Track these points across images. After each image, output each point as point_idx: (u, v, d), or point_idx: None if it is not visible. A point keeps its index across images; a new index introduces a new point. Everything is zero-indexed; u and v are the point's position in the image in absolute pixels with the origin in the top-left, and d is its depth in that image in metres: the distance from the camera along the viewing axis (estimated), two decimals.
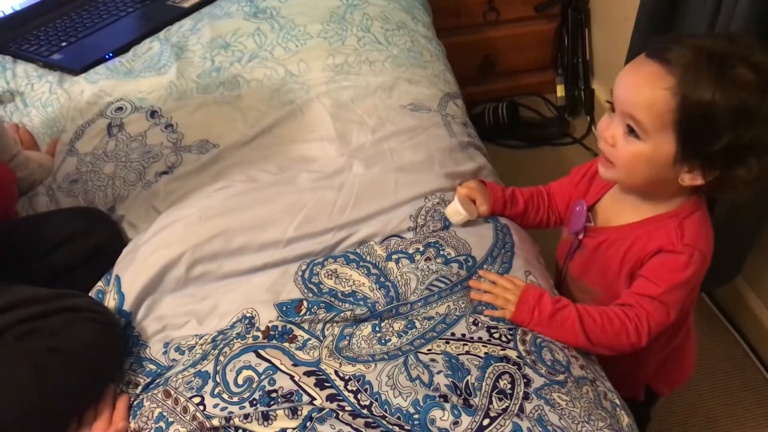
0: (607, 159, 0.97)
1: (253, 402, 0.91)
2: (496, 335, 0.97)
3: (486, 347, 0.95)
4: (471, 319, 0.99)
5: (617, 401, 0.97)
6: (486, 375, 0.91)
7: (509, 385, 0.90)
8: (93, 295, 1.09)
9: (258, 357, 0.96)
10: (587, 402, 0.91)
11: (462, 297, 1.02)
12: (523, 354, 0.94)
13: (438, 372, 0.92)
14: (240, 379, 0.94)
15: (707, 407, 1.56)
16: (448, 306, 1.01)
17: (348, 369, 0.94)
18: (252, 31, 1.60)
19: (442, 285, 1.03)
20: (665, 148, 0.90)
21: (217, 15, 1.68)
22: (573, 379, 0.93)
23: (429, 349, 0.95)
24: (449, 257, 1.08)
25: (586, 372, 0.97)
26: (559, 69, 2.37)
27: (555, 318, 0.98)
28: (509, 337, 0.97)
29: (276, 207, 1.16)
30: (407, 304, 1.02)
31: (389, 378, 0.92)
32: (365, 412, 0.89)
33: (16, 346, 0.91)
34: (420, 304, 1.01)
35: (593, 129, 2.29)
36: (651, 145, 0.91)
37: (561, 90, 2.35)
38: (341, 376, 0.93)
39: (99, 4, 1.80)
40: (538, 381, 0.91)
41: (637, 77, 0.90)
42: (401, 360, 0.94)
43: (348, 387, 0.92)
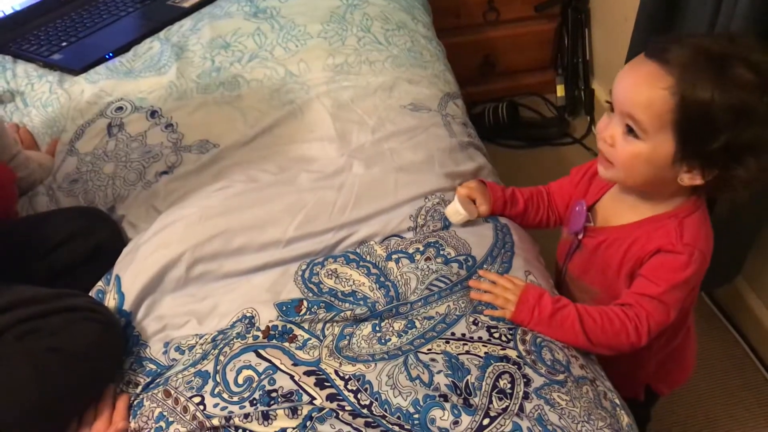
0: (607, 159, 0.97)
1: (253, 402, 0.91)
2: (496, 335, 0.97)
3: (486, 347, 0.95)
4: (471, 319, 0.99)
5: (617, 401, 0.97)
6: (486, 375, 0.91)
7: (509, 385, 0.90)
8: (93, 295, 1.09)
9: (258, 357, 0.96)
10: (587, 402, 0.91)
11: (462, 297, 1.02)
12: (523, 354, 0.94)
13: (438, 372, 0.92)
14: (240, 379, 0.94)
15: (707, 407, 1.55)
16: (448, 306, 1.01)
17: (348, 369, 0.94)
18: (252, 31, 1.60)
19: (442, 285, 1.03)
20: (664, 147, 0.90)
21: (218, 15, 1.68)
22: (573, 379, 0.93)
23: (429, 349, 0.95)
24: (449, 257, 1.08)
25: (586, 372, 0.97)
26: (559, 69, 2.37)
27: (555, 318, 0.98)
28: (509, 337, 0.97)
29: (276, 207, 1.16)
30: (407, 303, 1.02)
31: (389, 378, 0.92)
32: (365, 411, 0.89)
33: (16, 346, 0.91)
34: (420, 303, 1.01)
35: (593, 129, 2.29)
36: (650, 145, 0.91)
37: (561, 90, 2.35)
38: (341, 375, 0.93)
39: (99, 4, 1.80)
40: (538, 381, 0.91)
41: (636, 77, 0.90)
42: (401, 360, 0.94)
43: (348, 387, 0.92)
